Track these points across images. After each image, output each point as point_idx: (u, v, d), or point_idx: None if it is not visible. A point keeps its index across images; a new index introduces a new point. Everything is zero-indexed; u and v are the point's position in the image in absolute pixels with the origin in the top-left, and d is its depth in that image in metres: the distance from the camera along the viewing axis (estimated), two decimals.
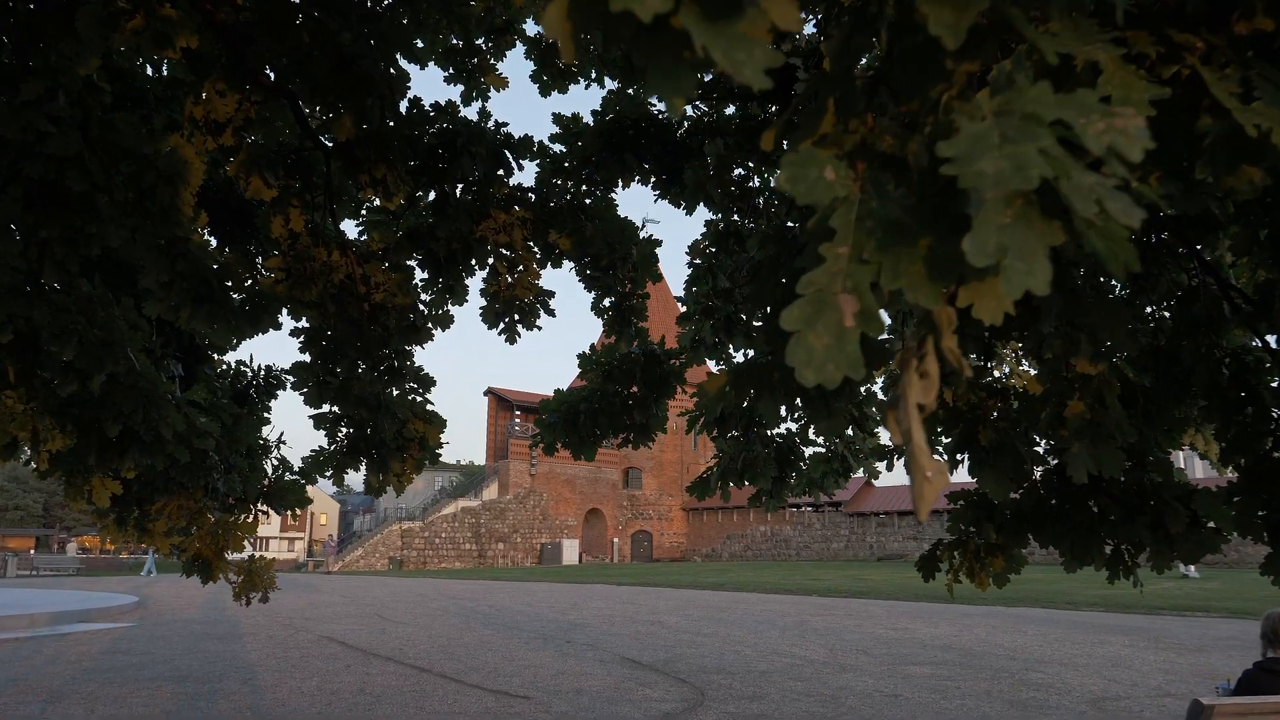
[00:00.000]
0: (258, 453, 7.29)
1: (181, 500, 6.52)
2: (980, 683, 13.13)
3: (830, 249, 0.94)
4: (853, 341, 0.92)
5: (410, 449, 6.08)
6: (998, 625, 21.27)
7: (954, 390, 3.14)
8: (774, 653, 16.49)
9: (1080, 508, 3.93)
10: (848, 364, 0.92)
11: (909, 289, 0.91)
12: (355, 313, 5.37)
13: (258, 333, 5.03)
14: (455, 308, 6.26)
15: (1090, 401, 2.89)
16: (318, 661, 15.63)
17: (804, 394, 2.84)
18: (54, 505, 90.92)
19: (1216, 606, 25.14)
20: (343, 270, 5.26)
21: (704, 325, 6.64)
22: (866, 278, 0.93)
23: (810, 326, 0.92)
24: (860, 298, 0.93)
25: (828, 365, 0.92)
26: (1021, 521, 4.17)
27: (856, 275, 0.93)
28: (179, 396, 5.60)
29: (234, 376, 7.64)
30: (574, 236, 6.01)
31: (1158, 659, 15.40)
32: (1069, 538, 3.97)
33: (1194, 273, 3.98)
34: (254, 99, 4.61)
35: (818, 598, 32.36)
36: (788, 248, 2.67)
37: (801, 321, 0.92)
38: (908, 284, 0.91)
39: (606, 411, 6.39)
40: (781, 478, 6.55)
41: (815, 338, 0.92)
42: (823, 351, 0.92)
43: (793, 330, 0.93)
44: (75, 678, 13.96)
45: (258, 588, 7.16)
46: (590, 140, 6.34)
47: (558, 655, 16.25)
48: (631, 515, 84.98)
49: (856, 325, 0.92)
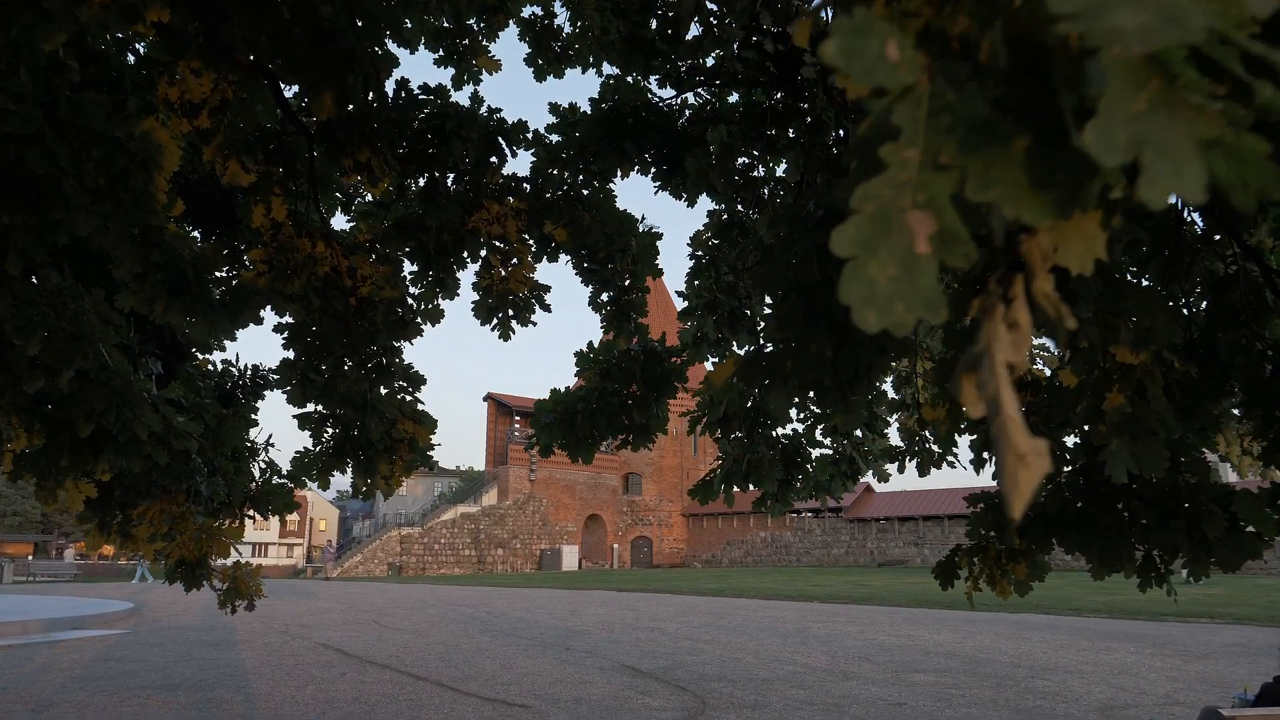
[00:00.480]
0: (244, 455, 7.04)
1: (163, 504, 6.26)
2: (985, 691, 12.91)
3: (894, 152, 0.69)
4: (928, 273, 0.68)
5: (400, 450, 5.82)
6: (1001, 632, 21.06)
7: None
8: (775, 660, 16.27)
9: (1109, 511, 3.68)
10: (922, 302, 0.68)
11: (1006, 201, 0.67)
12: (341, 307, 5.10)
13: (237, 328, 4.78)
14: (447, 303, 6.04)
15: (1130, 394, 2.64)
16: (313, 669, 15.43)
17: (818, 386, 2.61)
18: (52, 511, 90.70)
19: (1220, 613, 24.94)
20: (328, 262, 5.00)
21: (707, 321, 6.34)
22: (945, 189, 0.68)
23: (870, 252, 0.68)
24: (938, 215, 0.68)
25: (895, 304, 0.68)
26: (1046, 526, 3.89)
27: (931, 185, 0.68)
28: (155, 395, 5.35)
29: (219, 376, 7.39)
30: (570, 227, 5.74)
31: (1164, 666, 15.19)
32: (1097, 543, 3.71)
33: (1231, 259, 3.73)
34: (231, 78, 4.35)
35: (819, 604, 32.19)
36: (801, 227, 2.43)
37: (859, 245, 0.68)
38: (1004, 195, 0.67)
39: (605, 412, 6.10)
40: (787, 480, 6.28)
41: (878, 267, 0.68)
42: (888, 286, 0.68)
43: (848, 256, 0.68)
44: (66, 686, 13.74)
45: (244, 595, 6.90)
46: (588, 129, 6.08)
47: (557, 663, 16.04)
48: (631, 521, 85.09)
49: (933, 251, 0.68)
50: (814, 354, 2.40)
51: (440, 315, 5.71)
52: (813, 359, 2.41)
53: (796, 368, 2.42)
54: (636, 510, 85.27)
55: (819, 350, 2.39)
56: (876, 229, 0.69)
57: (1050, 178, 0.68)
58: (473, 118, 5.22)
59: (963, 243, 0.69)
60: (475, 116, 5.25)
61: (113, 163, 4.03)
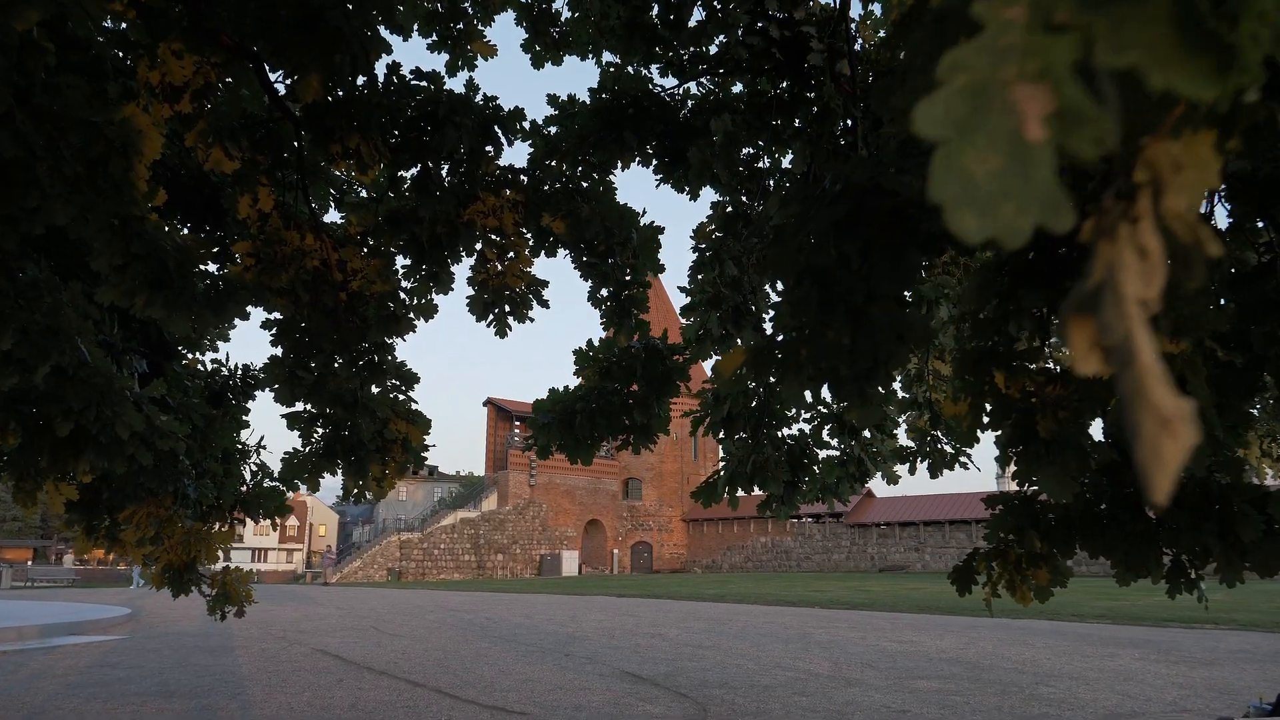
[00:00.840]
0: (235, 457, 6.84)
1: (150, 507, 6.07)
2: (990, 698, 12.71)
3: (993, 9, 0.51)
4: (1044, 164, 0.50)
5: (392, 451, 5.61)
6: (1004, 637, 20.87)
7: (1011, 372, 2.69)
8: (777, 666, 16.08)
9: (1136, 513, 3.48)
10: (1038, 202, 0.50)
11: (1154, 65, 0.49)
12: (330, 302, 4.90)
13: (222, 322, 4.59)
14: (447, 307, 5.87)
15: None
16: (310, 675, 15.25)
17: (833, 377, 2.43)
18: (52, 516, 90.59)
19: (1224, 619, 24.72)
20: (317, 256, 4.80)
21: (710, 316, 6.10)
22: (1064, 55, 0.50)
23: (966, 137, 0.50)
24: (1056, 89, 0.50)
25: (1002, 205, 0.49)
26: (1069, 528, 3.69)
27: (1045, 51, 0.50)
28: (138, 393, 5.15)
29: (209, 376, 7.18)
30: (569, 219, 5.53)
31: (1170, 673, 15.00)
32: (1122, 547, 3.51)
33: (1264, 248, 3.54)
34: (214, 61, 4.16)
35: (820, 609, 32.00)
36: (816, 204, 2.25)
37: (950, 124, 0.50)
38: (1148, 57, 0.49)
39: (605, 411, 5.87)
40: (793, 482, 6.07)
41: (975, 157, 0.50)
42: (992, 181, 0.50)
43: (936, 137, 0.50)
44: (58, 693, 13.56)
45: (234, 601, 6.70)
46: (587, 119, 5.86)
47: (556, 669, 15.85)
48: (631, 526, 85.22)
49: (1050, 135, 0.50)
50: (830, 341, 2.22)
51: (434, 310, 5.51)
52: (829, 347, 2.23)
53: (811, 356, 2.24)
54: (636, 515, 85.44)
55: (836, 337, 2.21)
56: (972, 107, 0.51)
57: (1203, 39, 0.50)
58: (467, 103, 5.02)
59: (1092, 122, 0.50)
60: (470, 102, 5.04)
61: (91, 149, 3.85)
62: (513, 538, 78.53)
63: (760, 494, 6.53)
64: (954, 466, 6.27)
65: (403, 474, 5.84)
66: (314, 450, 5.63)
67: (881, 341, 2.27)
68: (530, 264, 5.73)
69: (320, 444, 5.60)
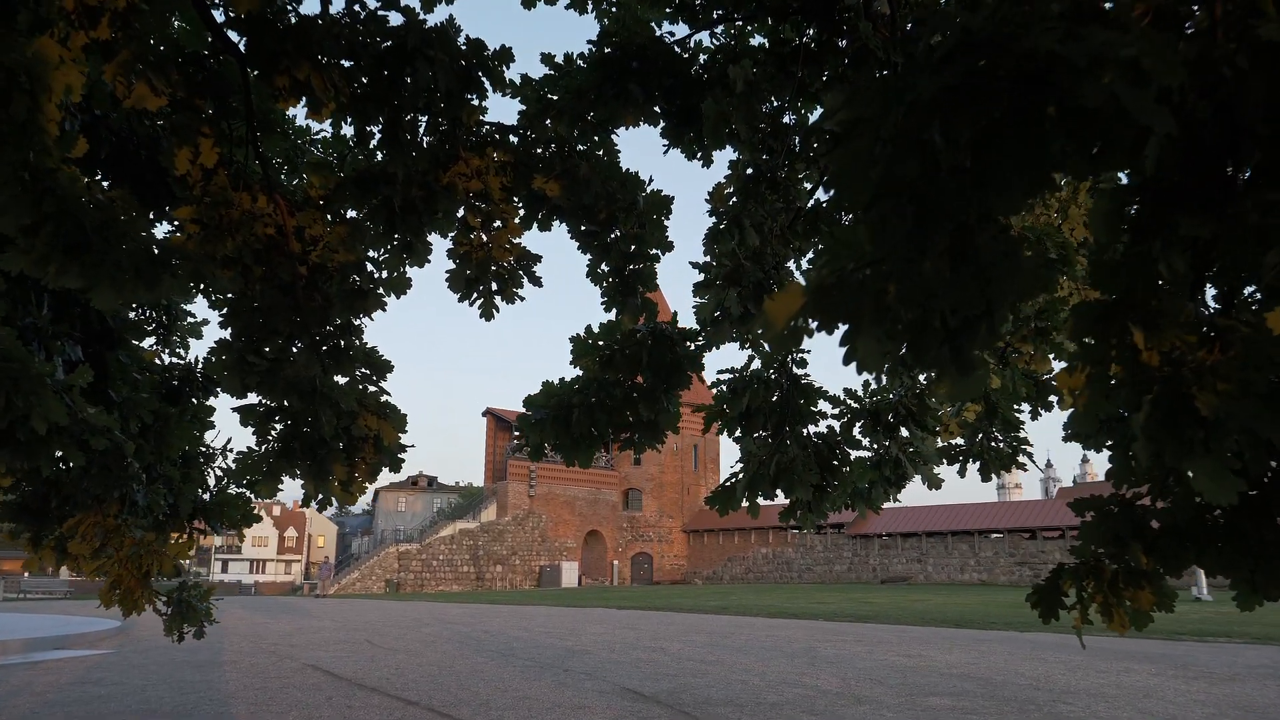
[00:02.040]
0: (196, 460, 6.16)
1: (96, 517, 5.39)
2: (1008, 716, 12.09)
3: None
4: None
5: (362, 451, 4.91)
6: (1015, 651, 20.26)
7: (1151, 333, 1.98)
8: (784, 683, 15.45)
9: (1263, 520, 2.80)
10: None
11: None
12: (287, 275, 4.20)
13: (155, 297, 3.90)
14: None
15: None
16: (298, 693, 14.65)
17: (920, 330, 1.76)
18: None
19: (1239, 632, 24.06)
20: (270, 221, 4.13)
21: (728, 294, 5.29)
22: None
23: None
24: None
25: None
26: (1180, 541, 2.99)
27: None
28: (59, 380, 4.46)
29: (163, 369, 6.47)
30: (564, 179, 4.81)
31: (1191, 689, 14.36)
32: (1248, 562, 2.83)
33: None
34: None
35: (824, 622, 31.39)
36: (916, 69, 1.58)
37: None
38: None
39: (605, 406, 5.13)
40: (822, 486, 5.34)
41: None
42: None
43: None
44: (36, 711, 12.99)
45: (193, 621, 6.01)
46: (587, 73, 5.13)
47: (554, 685, 15.23)
48: (631, 537, 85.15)
49: None
50: (929, 274, 1.56)
51: (407, 285, 4.77)
52: (927, 281, 1.56)
53: (903, 295, 1.58)
54: (637, 526, 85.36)
55: (938, 268, 1.55)
56: None
57: None
58: (444, 36, 4.29)
59: None
60: (446, 36, 4.32)
61: None
62: (512, 549, 78.35)
63: (777, 503, 5.84)
64: (1010, 467, 5.54)
65: (374, 477, 5.12)
66: (269, 450, 4.91)
67: (996, 277, 1.61)
68: (519, 234, 5.02)
69: (276, 442, 4.89)
